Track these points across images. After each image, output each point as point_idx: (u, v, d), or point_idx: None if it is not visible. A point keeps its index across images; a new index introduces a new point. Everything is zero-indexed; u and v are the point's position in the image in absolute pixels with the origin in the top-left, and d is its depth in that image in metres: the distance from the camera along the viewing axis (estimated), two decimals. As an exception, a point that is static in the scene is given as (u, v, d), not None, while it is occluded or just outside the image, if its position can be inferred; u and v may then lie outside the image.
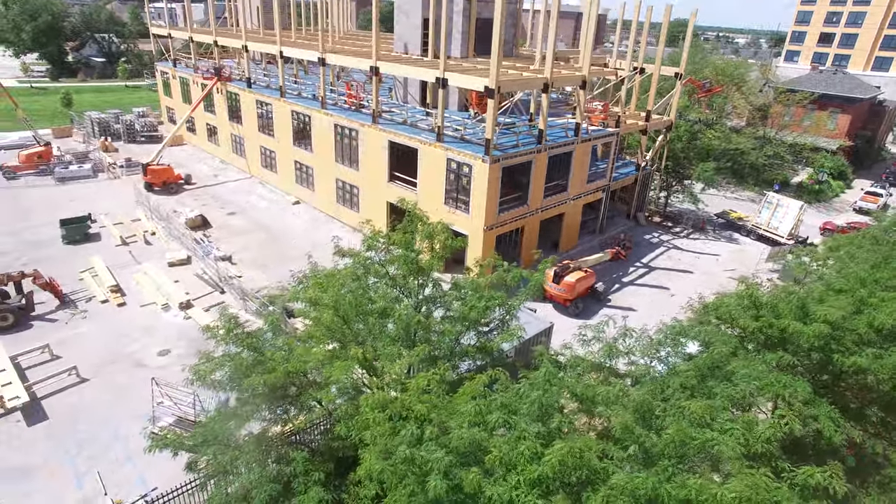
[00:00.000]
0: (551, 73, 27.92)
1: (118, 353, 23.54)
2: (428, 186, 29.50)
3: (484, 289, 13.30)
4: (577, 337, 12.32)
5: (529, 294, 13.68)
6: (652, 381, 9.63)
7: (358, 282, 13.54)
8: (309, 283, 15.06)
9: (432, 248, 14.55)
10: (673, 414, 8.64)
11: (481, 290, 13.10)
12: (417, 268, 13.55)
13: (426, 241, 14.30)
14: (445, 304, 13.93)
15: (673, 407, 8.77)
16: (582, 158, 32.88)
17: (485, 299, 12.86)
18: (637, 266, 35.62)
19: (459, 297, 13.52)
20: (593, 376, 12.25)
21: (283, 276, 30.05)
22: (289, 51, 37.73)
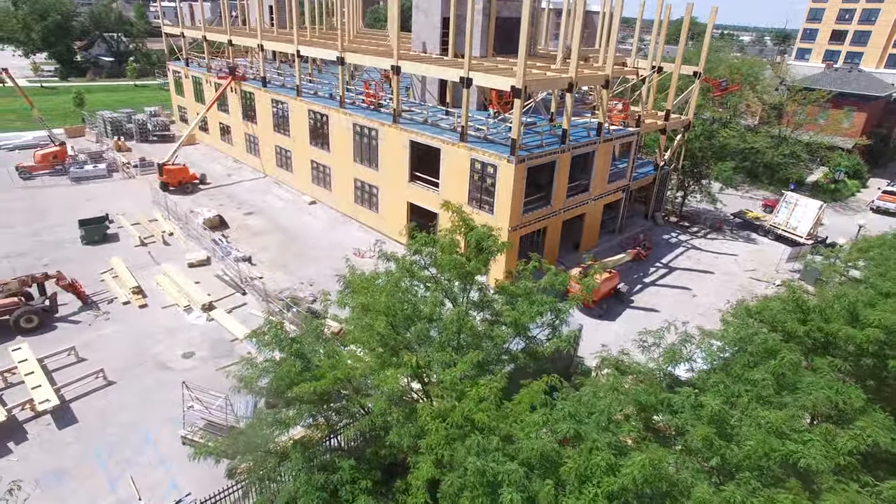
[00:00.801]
0: (576, 72, 27.64)
1: (143, 355, 23.38)
2: (450, 187, 29.26)
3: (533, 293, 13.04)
4: (635, 343, 12.08)
5: (578, 300, 13.41)
6: (723, 388, 9.36)
7: (403, 287, 13.26)
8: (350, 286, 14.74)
9: (479, 252, 14.26)
10: (749, 424, 8.38)
11: (532, 295, 12.85)
12: (465, 272, 13.30)
13: (475, 245, 14.01)
14: (493, 308, 13.66)
15: (748, 416, 8.51)
16: (604, 158, 32.60)
17: (537, 304, 12.61)
18: (657, 266, 35.34)
19: (509, 301, 13.26)
20: (639, 382, 12.03)
21: (305, 277, 29.96)
22: (306, 50, 37.50)
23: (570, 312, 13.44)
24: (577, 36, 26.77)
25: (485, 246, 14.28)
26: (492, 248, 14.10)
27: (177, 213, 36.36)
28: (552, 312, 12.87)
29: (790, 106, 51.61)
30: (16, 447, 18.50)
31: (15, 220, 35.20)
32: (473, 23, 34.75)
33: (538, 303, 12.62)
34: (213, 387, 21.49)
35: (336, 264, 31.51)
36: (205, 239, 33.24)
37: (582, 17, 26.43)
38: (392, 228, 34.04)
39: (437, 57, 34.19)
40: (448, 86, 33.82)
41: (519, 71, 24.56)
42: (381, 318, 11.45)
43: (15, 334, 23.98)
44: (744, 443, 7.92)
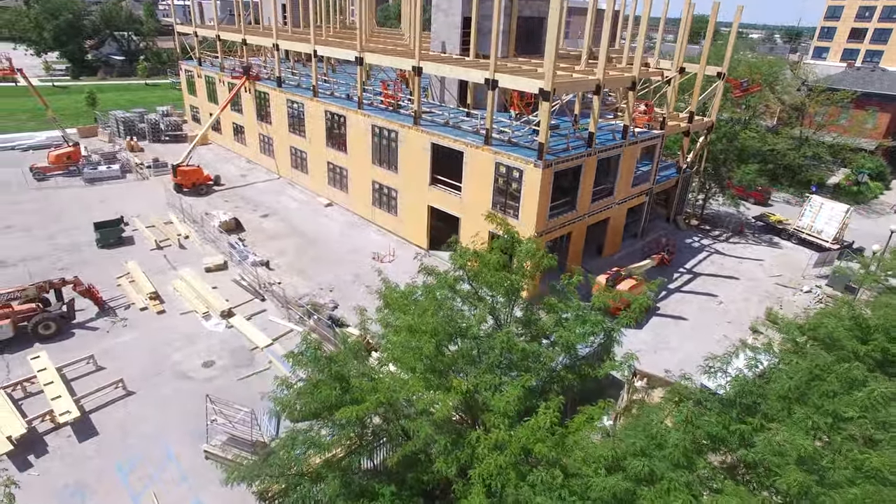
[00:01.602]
0: (604, 74, 26.90)
1: (161, 363, 22.86)
2: (474, 191, 28.60)
3: (584, 313, 12.34)
4: (700, 368, 11.39)
5: (631, 318, 12.69)
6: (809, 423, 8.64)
7: (444, 304, 12.56)
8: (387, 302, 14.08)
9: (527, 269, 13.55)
10: (845, 467, 7.70)
11: (585, 315, 12.16)
12: (512, 289, 12.61)
13: (525, 261, 13.29)
14: (537, 325, 12.98)
15: (845, 458, 7.83)
16: (629, 162, 31.85)
17: (589, 324, 11.93)
18: (681, 272, 34.56)
19: (559, 321, 12.55)
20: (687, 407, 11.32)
21: (324, 283, 29.38)
22: (323, 49, 36.89)
23: (621, 332, 12.73)
24: (606, 37, 26.03)
25: (535, 261, 13.55)
26: (541, 262, 13.39)
27: (192, 216, 35.88)
28: (604, 333, 12.16)
29: (812, 107, 50.56)
30: (36, 460, 18.01)
31: (30, 223, 34.79)
32: (493, 22, 34.14)
33: (591, 323, 11.92)
34: (234, 397, 20.97)
35: (355, 269, 30.98)
36: (221, 242, 32.73)
37: (611, 18, 25.67)
38: (412, 232, 33.42)
39: (458, 57, 33.50)
40: (469, 87, 33.12)
41: (547, 73, 23.84)
42: (428, 342, 10.79)
43: (33, 341, 23.53)
44: (846, 491, 7.23)
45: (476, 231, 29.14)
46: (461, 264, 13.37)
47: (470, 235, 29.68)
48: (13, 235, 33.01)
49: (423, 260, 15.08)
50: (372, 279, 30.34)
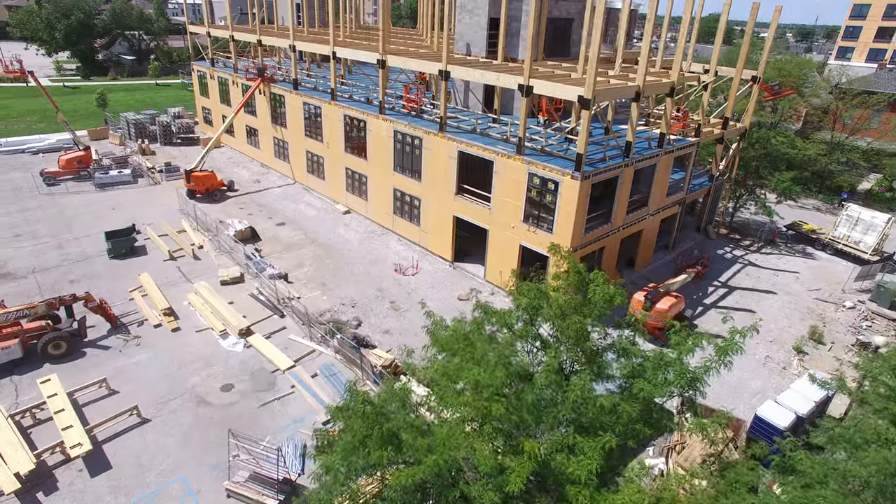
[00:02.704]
0: (644, 80, 25.38)
1: (178, 387, 21.56)
2: (504, 202, 27.14)
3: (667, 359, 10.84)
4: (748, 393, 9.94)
5: (714, 369, 11.20)
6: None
7: (507, 350, 11.05)
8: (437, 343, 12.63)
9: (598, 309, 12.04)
10: None
11: (666, 362, 10.69)
12: (584, 334, 11.11)
13: (604, 305, 11.77)
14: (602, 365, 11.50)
15: None
16: (664, 171, 30.32)
17: (672, 370, 10.44)
18: (715, 285, 32.99)
19: (634, 368, 11.08)
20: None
21: (346, 297, 28.01)
22: (342, 51, 35.49)
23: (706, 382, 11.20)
24: (648, 40, 24.50)
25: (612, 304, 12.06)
26: (614, 302, 11.91)
27: (206, 224, 34.61)
28: (690, 384, 10.68)
29: (847, 111, 48.70)
30: (45, 498, 16.73)
31: (40, 231, 33.63)
32: (521, 24, 32.70)
33: (678, 372, 10.42)
34: (256, 425, 19.70)
35: (378, 282, 29.61)
36: (237, 253, 31.44)
37: (653, 21, 24.16)
38: (435, 243, 32.00)
39: (485, 60, 32.05)
40: (496, 91, 31.65)
41: (588, 80, 22.34)
42: (498, 402, 9.35)
43: (42, 361, 22.31)
44: None
45: (505, 244, 27.83)
46: (527, 304, 11.72)
47: (498, 249, 28.41)
48: (22, 244, 31.85)
49: (476, 296, 13.53)
50: (396, 294, 29.08)
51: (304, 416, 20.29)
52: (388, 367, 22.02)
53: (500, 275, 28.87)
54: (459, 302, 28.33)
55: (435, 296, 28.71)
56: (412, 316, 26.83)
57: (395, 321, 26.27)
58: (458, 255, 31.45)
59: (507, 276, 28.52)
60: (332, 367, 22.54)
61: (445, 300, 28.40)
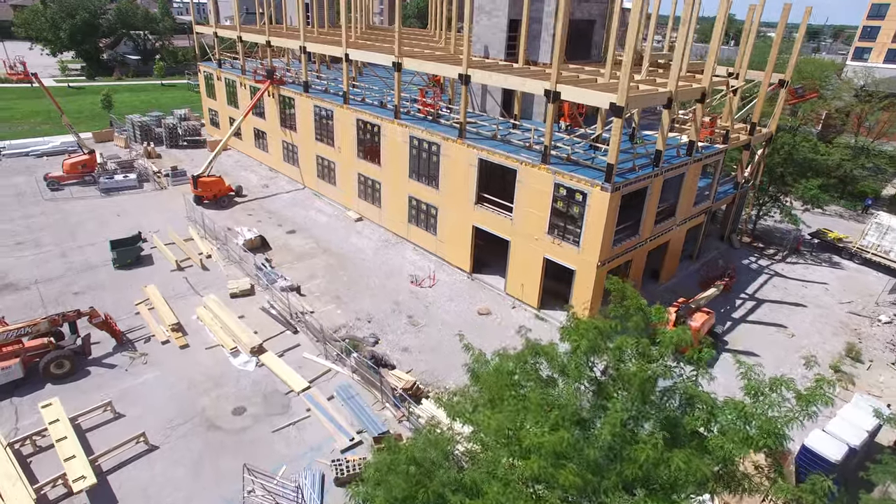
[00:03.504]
0: (677, 86, 24.11)
1: (187, 409, 20.38)
2: (527, 213, 25.90)
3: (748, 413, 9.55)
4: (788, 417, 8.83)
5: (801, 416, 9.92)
6: None
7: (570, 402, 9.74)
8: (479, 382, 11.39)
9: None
10: None
11: (750, 414, 9.39)
12: (651, 383, 9.80)
13: (671, 347, 10.50)
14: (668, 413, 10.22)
15: None
16: (692, 180, 29.04)
17: (754, 423, 9.13)
18: (742, 298, 31.69)
19: (709, 417, 9.76)
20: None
21: (362, 312, 26.79)
22: (355, 53, 34.26)
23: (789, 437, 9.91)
24: (683, 44, 23.22)
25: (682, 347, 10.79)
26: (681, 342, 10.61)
27: (214, 232, 33.44)
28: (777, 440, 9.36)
29: (872, 114, 47.25)
30: (46, 537, 15.61)
31: (43, 238, 32.53)
32: (542, 25, 31.45)
33: (764, 428, 9.07)
34: (271, 453, 18.53)
35: (394, 295, 28.40)
36: (246, 263, 30.27)
37: (693, 24, 22.89)
38: (453, 253, 30.77)
39: (505, 63, 30.79)
40: (516, 95, 30.40)
41: (622, 86, 21.07)
42: (569, 473, 8.10)
43: (44, 381, 21.17)
44: None
45: (528, 256, 26.59)
46: (589, 349, 10.35)
47: (520, 261, 27.17)
48: (25, 253, 30.75)
49: (526, 335, 12.24)
50: (413, 308, 27.84)
51: (322, 444, 19.10)
52: (410, 389, 20.82)
53: (522, 288, 27.66)
54: (480, 317, 27.10)
55: (453, 309, 27.49)
56: (431, 332, 25.62)
57: (414, 338, 25.06)
58: (475, 266, 30.22)
59: (529, 289, 27.32)
60: (350, 389, 21.34)
61: (464, 314, 27.18)
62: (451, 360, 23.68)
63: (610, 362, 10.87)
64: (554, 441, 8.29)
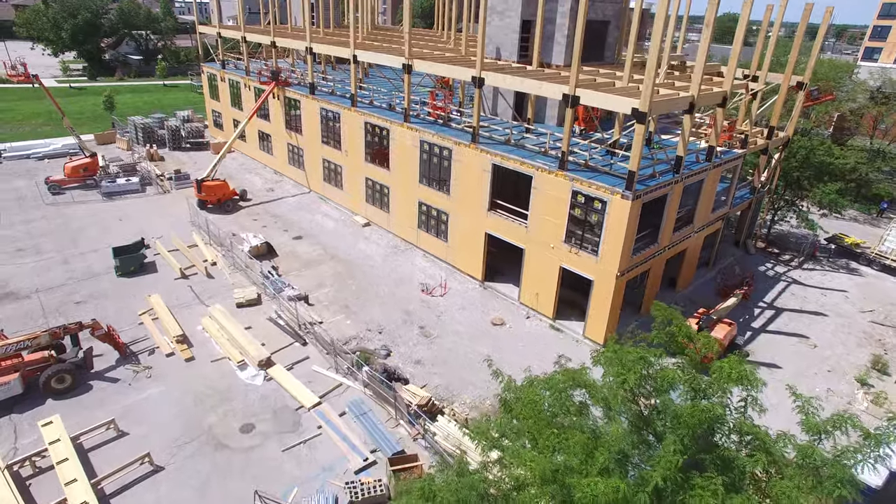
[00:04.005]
0: (699, 90, 23.28)
1: (193, 427, 19.60)
2: (543, 220, 25.08)
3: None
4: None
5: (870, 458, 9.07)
6: None
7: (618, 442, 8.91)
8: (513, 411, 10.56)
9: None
10: None
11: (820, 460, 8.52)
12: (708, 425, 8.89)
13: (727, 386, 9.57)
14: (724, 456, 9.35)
15: None
16: (711, 186, 28.22)
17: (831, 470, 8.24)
18: (761, 307, 30.84)
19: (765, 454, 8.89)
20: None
21: (372, 322, 25.98)
22: (364, 55, 33.43)
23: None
24: (705, 47, 22.38)
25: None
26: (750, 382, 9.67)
27: (218, 238, 32.65)
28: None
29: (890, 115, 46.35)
30: (46, 567, 14.83)
31: (44, 245, 31.76)
32: (555, 26, 30.62)
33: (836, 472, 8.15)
34: (281, 475, 17.73)
35: (405, 304, 27.59)
36: (252, 270, 29.47)
37: (714, 26, 22.02)
38: (464, 261, 29.96)
39: (518, 66, 29.95)
40: (529, 98, 29.57)
41: (645, 90, 20.26)
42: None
43: (45, 396, 20.39)
44: None
45: (543, 265, 25.78)
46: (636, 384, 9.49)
47: (535, 270, 26.36)
48: (25, 260, 29.99)
49: (564, 363, 11.42)
50: (425, 318, 27.00)
51: (334, 464, 18.31)
52: (425, 406, 20.02)
53: (537, 297, 26.85)
54: (493, 327, 26.29)
55: (466, 319, 26.69)
56: (444, 343, 24.82)
57: (427, 349, 24.25)
58: (487, 274, 29.41)
59: (544, 299, 26.50)
60: (362, 405, 20.54)
61: (478, 324, 26.37)
62: (465, 373, 22.91)
63: (654, 395, 10.04)
64: (608, 492, 7.47)
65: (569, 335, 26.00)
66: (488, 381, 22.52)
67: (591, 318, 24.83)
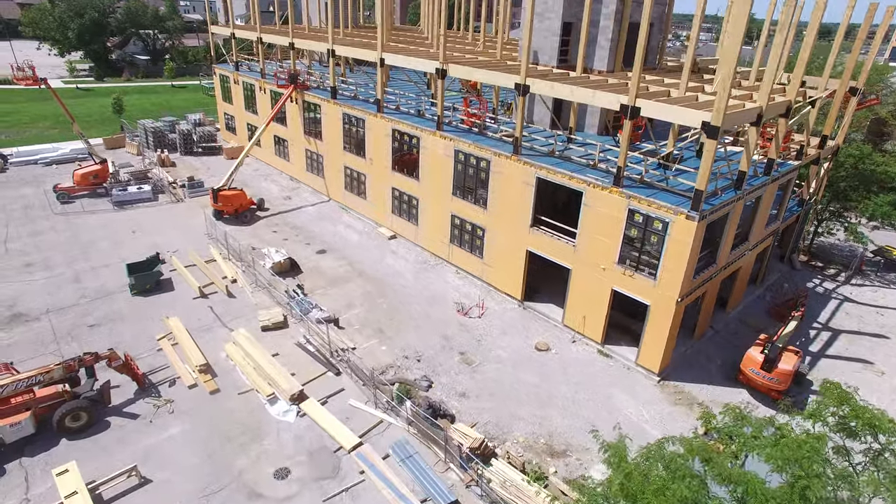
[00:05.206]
0: (767, 100, 21.40)
1: (223, 472, 17.77)
2: (594, 240, 23.21)
3: None
4: None
5: None
6: None
7: None
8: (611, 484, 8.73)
9: None
10: None
11: None
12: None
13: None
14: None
15: None
16: (768, 201, 26.34)
17: None
18: (816, 328, 28.96)
19: None
20: None
21: (409, 348, 24.12)
22: (392, 58, 31.53)
23: None
24: (781, 53, 20.49)
25: None
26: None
27: (237, 252, 30.84)
28: None
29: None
30: None
31: (54, 259, 29.98)
32: (598, 30, 28.71)
33: None
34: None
35: (441, 327, 25.74)
36: (276, 289, 27.65)
37: (788, 27, 20.16)
38: (501, 279, 28.10)
39: (560, 71, 28.07)
40: (572, 106, 27.68)
41: (719, 103, 18.39)
42: None
43: (58, 435, 18.60)
44: None
45: (592, 287, 23.91)
46: (782, 465, 7.52)
47: (583, 291, 24.49)
48: (35, 276, 28.21)
49: (696, 430, 9.59)
50: (464, 342, 25.07)
51: (381, 518, 16.51)
52: (478, 449, 18.19)
53: (584, 320, 24.99)
54: (538, 353, 24.44)
55: (508, 344, 24.85)
56: (487, 371, 22.98)
57: (470, 379, 22.41)
58: (525, 293, 27.57)
59: (592, 322, 24.64)
60: (407, 446, 18.71)
61: (521, 350, 24.53)
62: (513, 405, 21.11)
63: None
64: None
65: (619, 362, 24.15)
66: (538, 415, 20.77)
67: (646, 346, 22.97)
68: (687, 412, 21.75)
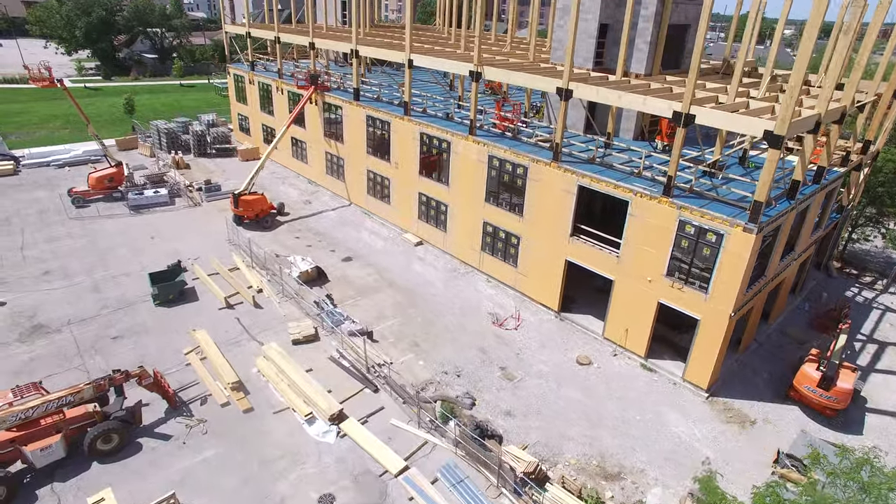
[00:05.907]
0: (827, 106, 20.47)
1: (264, 499, 16.87)
2: (640, 251, 22.29)
3: None
4: None
5: None
6: None
7: None
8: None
9: None
10: None
11: None
12: None
13: None
14: None
15: None
16: (815, 209, 25.44)
17: None
18: (860, 340, 28.05)
19: None
20: None
21: (447, 362, 23.18)
22: (421, 59, 30.54)
23: None
24: (844, 59, 19.55)
25: None
26: None
27: (262, 260, 29.93)
28: None
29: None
30: None
31: (71, 266, 29.08)
32: (636, 31, 27.73)
33: None
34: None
35: (478, 340, 24.83)
36: (304, 300, 26.74)
37: (854, 30, 19.21)
38: (537, 289, 27.18)
39: (598, 75, 27.08)
40: (611, 111, 26.71)
41: (785, 111, 17.45)
42: None
43: (89, 459, 17.71)
44: None
45: (636, 299, 22.99)
46: None
47: (626, 303, 23.57)
48: (53, 285, 27.31)
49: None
50: (503, 356, 24.05)
51: (434, 550, 15.61)
52: (532, 473, 17.30)
53: (626, 333, 24.09)
54: (580, 367, 23.53)
55: (548, 358, 23.94)
56: (530, 387, 22.08)
57: (513, 396, 21.50)
58: (564, 304, 26.66)
59: (635, 336, 23.72)
60: (456, 469, 17.81)
61: (562, 364, 23.62)
62: (560, 424, 20.23)
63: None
64: None
65: (664, 377, 23.24)
66: (588, 435, 19.88)
67: (695, 361, 22.06)
68: (739, 430, 20.88)
